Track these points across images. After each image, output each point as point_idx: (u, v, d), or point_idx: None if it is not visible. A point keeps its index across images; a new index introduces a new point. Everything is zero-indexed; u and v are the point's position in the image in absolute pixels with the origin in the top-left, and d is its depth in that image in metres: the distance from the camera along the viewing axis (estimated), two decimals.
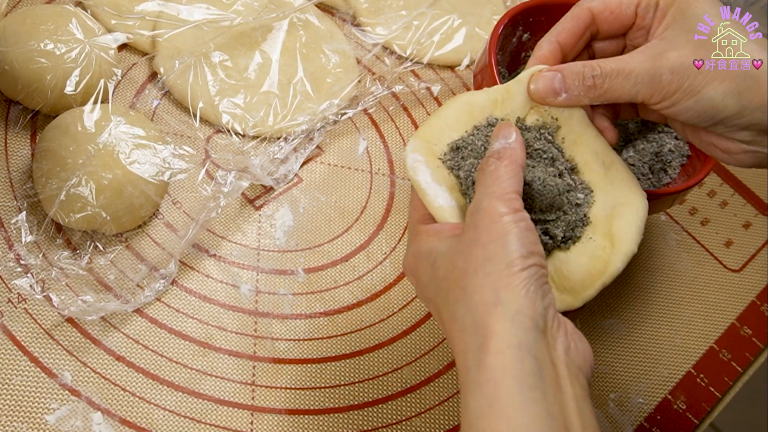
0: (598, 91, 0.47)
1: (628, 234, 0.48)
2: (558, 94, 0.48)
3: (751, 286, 0.71)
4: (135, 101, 0.66)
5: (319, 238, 0.64)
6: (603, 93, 0.47)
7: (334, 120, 0.69)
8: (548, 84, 0.48)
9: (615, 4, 0.50)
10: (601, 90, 0.47)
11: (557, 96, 0.48)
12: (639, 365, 0.64)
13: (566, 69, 0.48)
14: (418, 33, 0.74)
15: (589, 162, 0.49)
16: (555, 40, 0.50)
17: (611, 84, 0.46)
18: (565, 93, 0.48)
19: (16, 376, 0.53)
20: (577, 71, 0.47)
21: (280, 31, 0.70)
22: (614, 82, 0.46)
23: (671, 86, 0.45)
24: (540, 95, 0.48)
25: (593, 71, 0.47)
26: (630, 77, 0.46)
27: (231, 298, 0.59)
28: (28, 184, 0.59)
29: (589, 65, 0.47)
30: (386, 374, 0.59)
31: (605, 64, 0.47)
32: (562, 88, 0.48)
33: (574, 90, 0.48)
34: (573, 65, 0.48)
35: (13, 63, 0.59)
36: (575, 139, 0.49)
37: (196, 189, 0.62)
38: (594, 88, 0.47)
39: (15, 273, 0.56)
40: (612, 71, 0.46)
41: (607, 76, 0.46)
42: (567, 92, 0.48)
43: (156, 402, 0.54)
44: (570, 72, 0.48)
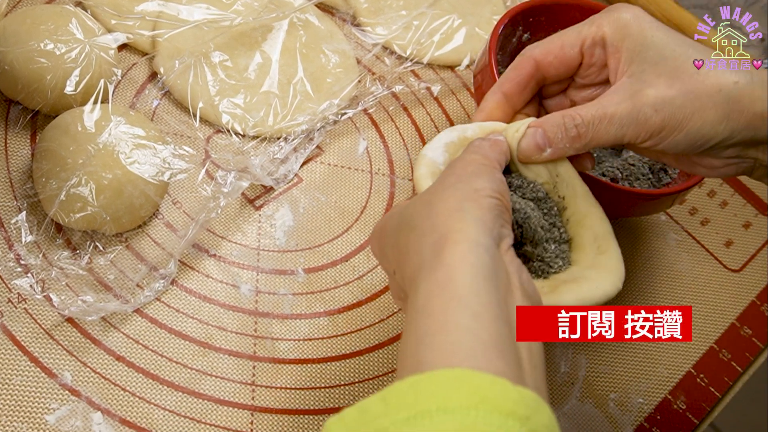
0: (583, 140, 0.46)
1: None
2: (542, 150, 0.47)
3: (751, 286, 0.71)
4: (135, 101, 0.66)
5: (319, 238, 0.64)
6: (588, 142, 0.46)
7: (334, 120, 0.69)
8: (530, 141, 0.47)
9: (557, 49, 0.49)
10: (587, 138, 0.46)
11: (542, 152, 0.47)
12: (639, 365, 0.64)
13: (546, 122, 0.47)
14: (418, 33, 0.74)
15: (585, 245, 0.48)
16: (499, 92, 0.50)
17: (595, 131, 0.46)
18: (549, 148, 0.47)
19: (16, 376, 0.53)
20: (558, 123, 0.46)
21: (280, 31, 0.70)
22: (598, 128, 0.46)
23: (657, 124, 0.45)
24: (524, 154, 0.47)
25: (574, 121, 0.46)
26: (613, 121, 0.45)
27: (231, 298, 0.59)
28: (28, 184, 0.59)
29: (569, 115, 0.46)
30: (386, 374, 0.59)
31: (584, 111, 0.46)
32: (545, 143, 0.47)
33: (559, 143, 0.47)
34: (552, 117, 0.47)
35: (13, 63, 0.59)
36: (580, 220, 0.48)
37: (196, 189, 0.62)
38: (578, 138, 0.46)
39: (15, 273, 0.56)
40: (594, 118, 0.46)
41: (589, 124, 0.46)
42: (551, 146, 0.47)
43: (156, 402, 0.54)
44: (550, 125, 0.47)
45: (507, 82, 0.50)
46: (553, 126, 0.46)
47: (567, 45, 0.49)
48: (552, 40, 0.50)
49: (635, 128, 0.45)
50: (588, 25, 0.48)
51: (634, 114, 0.45)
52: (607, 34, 0.47)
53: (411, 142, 0.71)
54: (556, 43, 0.49)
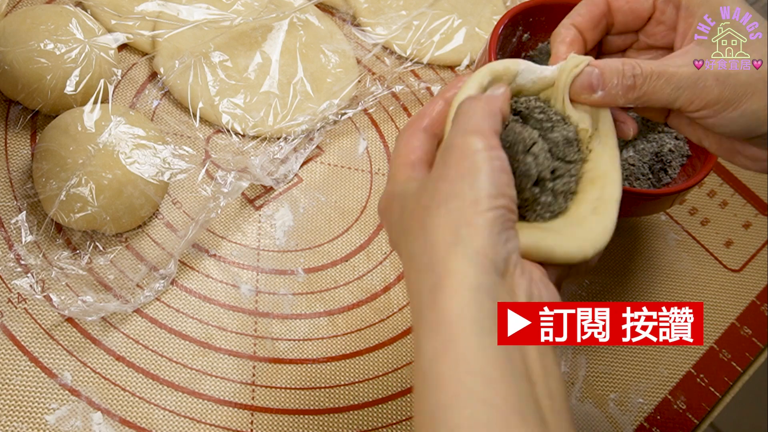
0: (637, 92, 0.44)
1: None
2: (594, 91, 0.45)
3: (751, 286, 0.71)
4: (135, 101, 0.66)
5: (319, 238, 0.64)
6: (642, 95, 0.44)
7: (334, 120, 0.69)
8: (585, 79, 0.45)
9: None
10: (640, 91, 0.44)
11: (593, 92, 0.45)
12: (639, 365, 0.64)
13: (605, 65, 0.45)
14: (418, 33, 0.74)
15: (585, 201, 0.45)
16: (574, 27, 0.48)
17: (651, 86, 0.44)
18: (601, 90, 0.45)
19: (16, 376, 0.53)
20: (617, 69, 0.44)
21: (280, 31, 0.70)
22: (655, 84, 0.44)
23: (714, 94, 0.43)
24: (575, 89, 0.45)
25: (633, 70, 0.44)
26: (672, 81, 0.44)
27: (231, 298, 0.59)
28: (28, 184, 0.59)
29: (629, 63, 0.44)
30: (386, 374, 0.59)
31: (645, 63, 0.44)
32: (599, 84, 0.45)
33: (612, 88, 0.45)
34: (612, 62, 0.45)
35: (13, 63, 0.59)
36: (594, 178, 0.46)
37: (196, 189, 0.62)
38: (633, 89, 0.44)
39: (15, 273, 0.56)
40: (653, 72, 0.44)
41: (648, 77, 0.44)
42: (604, 90, 0.45)
43: (156, 402, 0.54)
44: (609, 69, 0.45)
45: (579, 16, 0.48)
46: (611, 70, 0.44)
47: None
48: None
49: (691, 93, 0.43)
50: None
51: (694, 78, 0.43)
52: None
53: None
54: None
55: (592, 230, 0.43)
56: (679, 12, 0.46)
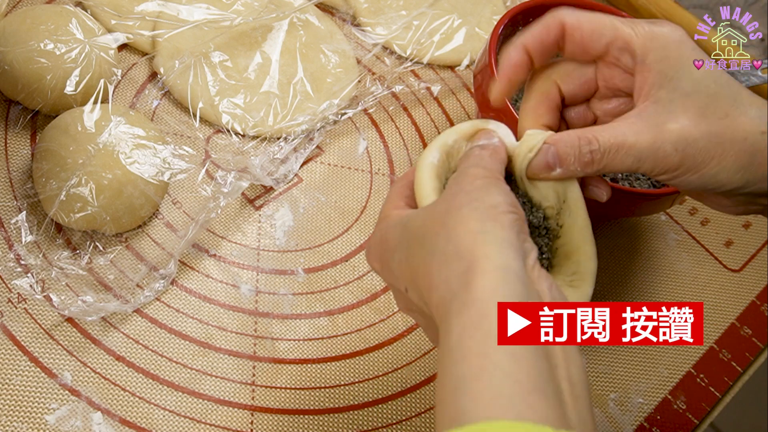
0: (596, 166, 0.44)
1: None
2: (552, 169, 0.45)
3: (751, 286, 0.71)
4: (135, 101, 0.66)
5: (319, 238, 0.64)
6: (601, 168, 0.44)
7: (334, 120, 0.69)
8: (541, 158, 0.45)
9: (588, 29, 0.46)
10: (599, 165, 0.44)
11: (551, 171, 0.45)
12: (639, 365, 0.64)
13: (560, 141, 0.44)
14: (418, 33, 0.74)
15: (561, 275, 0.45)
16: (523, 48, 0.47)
17: (610, 159, 0.44)
18: (559, 168, 0.45)
19: (16, 376, 0.53)
20: (572, 144, 0.44)
21: (280, 31, 0.70)
22: (614, 157, 0.43)
23: (674, 163, 0.43)
24: (532, 170, 0.45)
25: (590, 146, 0.44)
26: (631, 152, 0.43)
27: (231, 298, 0.59)
28: (28, 184, 0.59)
29: (585, 137, 0.44)
30: (386, 374, 0.59)
31: (602, 136, 0.44)
32: (555, 162, 0.45)
33: (570, 165, 0.44)
34: (567, 136, 0.44)
35: (13, 63, 0.59)
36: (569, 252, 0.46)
37: (196, 189, 0.62)
38: (591, 164, 0.44)
39: (15, 273, 0.56)
40: (611, 146, 0.43)
41: (605, 152, 0.43)
42: (561, 167, 0.45)
43: (156, 402, 0.54)
44: (564, 145, 0.44)
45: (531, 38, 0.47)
46: (567, 146, 0.44)
47: (597, 32, 0.46)
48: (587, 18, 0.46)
49: (652, 162, 0.43)
50: (626, 27, 0.45)
51: (653, 148, 0.43)
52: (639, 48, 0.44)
53: (411, 142, 0.71)
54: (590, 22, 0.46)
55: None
56: (635, 61, 0.45)
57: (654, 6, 0.81)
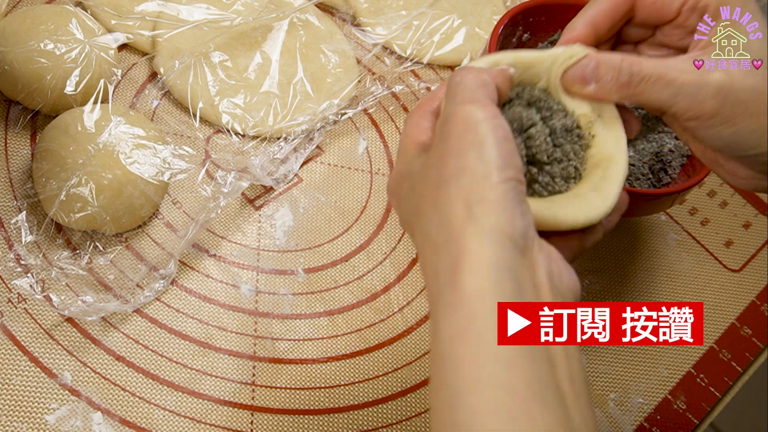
0: (632, 90, 0.42)
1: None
2: (587, 83, 0.43)
3: (751, 286, 0.71)
4: (135, 101, 0.66)
5: (319, 238, 0.64)
6: (636, 94, 0.43)
7: (334, 120, 0.69)
8: (578, 71, 0.43)
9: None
10: (635, 90, 0.42)
11: (585, 85, 0.43)
12: (639, 365, 0.64)
13: (602, 58, 0.43)
14: (418, 33, 0.74)
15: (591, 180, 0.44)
16: (591, 23, 0.46)
17: (647, 87, 0.42)
18: (594, 83, 0.43)
19: (16, 376, 0.53)
20: (614, 64, 0.42)
21: (280, 31, 0.70)
22: (651, 86, 0.42)
23: (711, 108, 0.42)
24: (567, 80, 0.44)
25: (632, 67, 0.42)
26: (671, 86, 0.42)
27: (231, 298, 0.59)
28: (28, 184, 0.59)
29: (628, 60, 0.42)
30: (386, 374, 0.59)
31: (646, 63, 0.42)
32: (593, 77, 0.43)
33: (606, 83, 0.43)
34: (611, 56, 0.43)
35: (13, 63, 0.59)
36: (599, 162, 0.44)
37: (196, 189, 0.62)
38: (627, 86, 0.42)
39: (15, 273, 0.56)
40: (652, 75, 0.42)
41: (645, 78, 0.42)
42: (597, 83, 0.43)
43: (156, 402, 0.54)
44: (605, 63, 0.42)
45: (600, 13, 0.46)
46: (608, 64, 0.43)
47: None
48: None
49: (687, 103, 0.42)
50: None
51: (694, 88, 0.41)
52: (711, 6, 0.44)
53: None
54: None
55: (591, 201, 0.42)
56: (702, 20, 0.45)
57: None
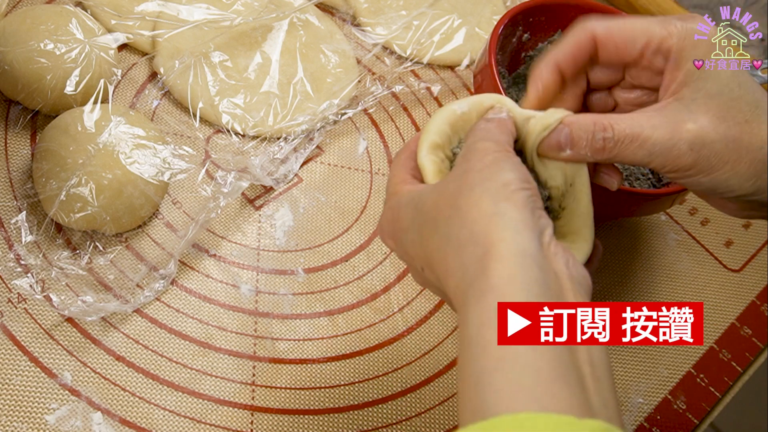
0: (607, 154, 0.43)
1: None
2: (563, 150, 0.44)
3: (751, 286, 0.71)
4: (135, 101, 0.66)
5: (319, 238, 0.64)
6: (612, 157, 0.43)
7: (334, 120, 0.69)
8: (553, 138, 0.44)
9: (621, 39, 0.46)
10: (611, 154, 0.43)
11: (561, 151, 0.44)
12: (639, 365, 0.64)
13: (575, 124, 0.44)
14: (418, 33, 0.74)
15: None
16: (555, 67, 0.47)
17: (622, 149, 0.43)
18: (569, 150, 0.44)
19: (16, 376, 0.53)
20: (587, 128, 0.43)
21: (280, 31, 0.70)
22: (626, 147, 0.43)
23: (687, 162, 0.42)
24: (543, 147, 0.44)
25: (605, 132, 0.43)
26: (645, 146, 0.42)
27: (231, 298, 0.59)
28: (28, 184, 0.59)
29: (600, 124, 0.43)
30: (386, 374, 0.59)
31: (618, 125, 0.43)
32: (567, 143, 0.44)
33: (581, 148, 0.44)
34: (583, 120, 0.43)
35: (13, 63, 0.59)
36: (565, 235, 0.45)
37: (196, 189, 0.62)
38: (603, 151, 0.43)
39: (15, 273, 0.56)
40: (626, 137, 0.42)
41: (619, 141, 0.43)
42: (572, 149, 0.44)
43: (156, 402, 0.54)
44: (578, 128, 0.43)
45: (563, 56, 0.47)
46: (581, 129, 0.43)
47: (631, 40, 0.46)
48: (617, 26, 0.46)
49: (664, 159, 0.42)
50: (659, 27, 0.45)
51: (668, 145, 0.42)
52: (674, 47, 0.44)
53: None
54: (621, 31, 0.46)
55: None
56: (667, 62, 0.45)
57: (654, 6, 0.81)
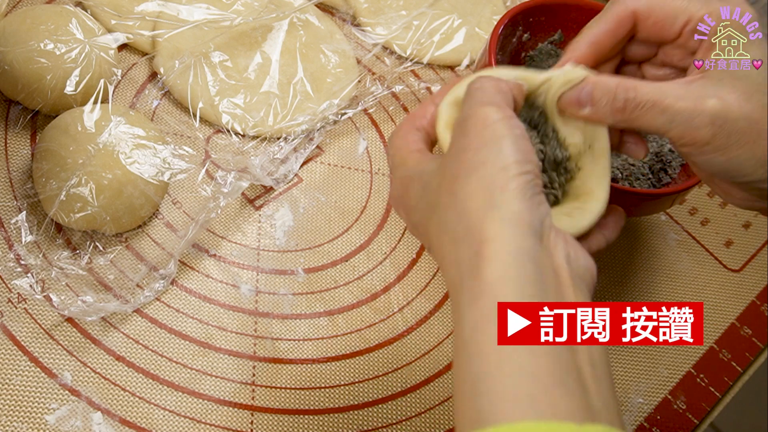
0: (627, 115, 0.42)
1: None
2: (582, 106, 0.43)
3: (751, 286, 0.71)
4: (135, 101, 0.66)
5: (319, 238, 0.64)
6: (631, 120, 0.43)
7: (334, 120, 0.69)
8: (574, 94, 0.43)
9: (662, 14, 0.45)
10: (631, 116, 0.42)
11: (580, 108, 0.43)
12: (639, 365, 0.64)
13: (598, 83, 0.43)
14: (418, 33, 0.74)
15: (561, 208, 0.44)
16: (593, 41, 0.46)
17: (642, 113, 0.42)
18: (589, 107, 0.43)
19: (16, 376, 0.53)
20: (610, 88, 0.42)
21: (280, 31, 0.70)
22: (646, 112, 0.42)
23: (706, 136, 0.42)
24: (563, 102, 0.44)
25: (627, 93, 0.42)
26: (665, 113, 0.42)
27: (231, 298, 0.59)
28: (28, 184, 0.59)
29: (623, 86, 0.42)
30: (386, 374, 0.59)
31: (642, 88, 0.42)
32: (588, 100, 0.43)
33: (601, 108, 0.43)
34: (607, 80, 0.43)
35: (13, 63, 0.59)
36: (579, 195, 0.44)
37: (196, 189, 0.62)
38: (622, 111, 0.42)
39: (15, 273, 0.56)
40: (647, 102, 0.42)
41: (640, 105, 0.42)
42: (592, 106, 0.43)
43: (156, 402, 0.54)
44: (601, 87, 0.43)
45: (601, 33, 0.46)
46: (603, 88, 0.42)
47: (671, 17, 0.45)
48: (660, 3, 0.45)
49: (682, 130, 0.42)
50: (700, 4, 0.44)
51: (689, 116, 0.41)
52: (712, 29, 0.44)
53: None
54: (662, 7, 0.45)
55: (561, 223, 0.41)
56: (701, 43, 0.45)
57: None
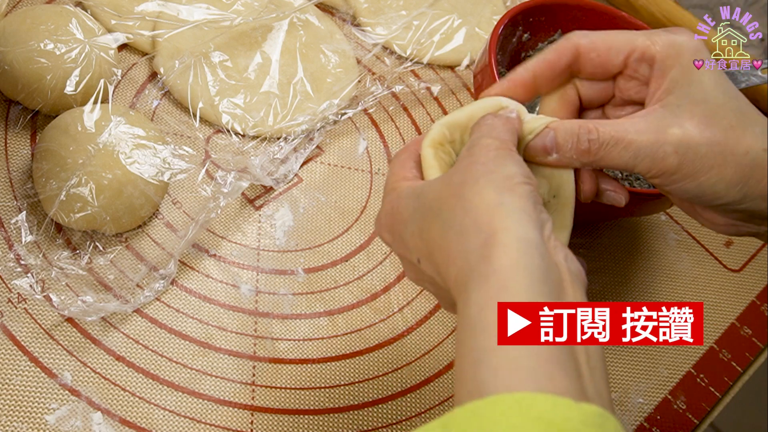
0: (592, 156, 0.44)
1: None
2: (548, 153, 0.44)
3: (751, 286, 0.71)
4: (135, 101, 0.66)
5: (319, 238, 0.64)
6: (597, 159, 0.44)
7: (334, 120, 0.69)
8: (539, 141, 0.44)
9: (604, 48, 0.46)
10: (596, 156, 0.43)
11: (547, 154, 0.44)
12: (639, 365, 0.64)
13: (560, 127, 0.44)
14: (418, 33, 0.74)
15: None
16: (531, 70, 0.47)
17: (608, 152, 0.43)
18: (555, 153, 0.44)
19: (16, 376, 0.53)
20: (572, 131, 0.44)
21: (280, 31, 0.70)
22: (611, 150, 0.43)
23: (672, 165, 0.42)
24: (530, 151, 0.45)
25: (589, 134, 0.43)
26: (629, 149, 0.43)
27: (231, 298, 0.59)
28: (28, 184, 0.59)
29: (585, 127, 0.44)
30: (386, 374, 0.59)
31: (603, 128, 0.43)
32: (553, 147, 0.44)
33: (566, 151, 0.44)
34: (568, 124, 0.44)
35: (13, 63, 0.59)
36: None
37: (196, 189, 0.62)
38: (588, 153, 0.44)
39: (15, 273, 0.56)
40: (610, 139, 0.43)
41: (604, 144, 0.43)
42: (558, 152, 0.44)
43: (156, 402, 0.54)
44: (563, 131, 0.44)
45: (542, 62, 0.47)
46: (566, 133, 0.44)
47: (614, 49, 0.46)
48: (601, 38, 0.47)
49: (649, 163, 0.43)
50: (642, 38, 0.45)
51: (653, 149, 0.42)
52: (658, 55, 0.44)
53: None
54: (604, 41, 0.46)
55: None
56: (652, 69, 0.45)
57: (654, 6, 0.81)
